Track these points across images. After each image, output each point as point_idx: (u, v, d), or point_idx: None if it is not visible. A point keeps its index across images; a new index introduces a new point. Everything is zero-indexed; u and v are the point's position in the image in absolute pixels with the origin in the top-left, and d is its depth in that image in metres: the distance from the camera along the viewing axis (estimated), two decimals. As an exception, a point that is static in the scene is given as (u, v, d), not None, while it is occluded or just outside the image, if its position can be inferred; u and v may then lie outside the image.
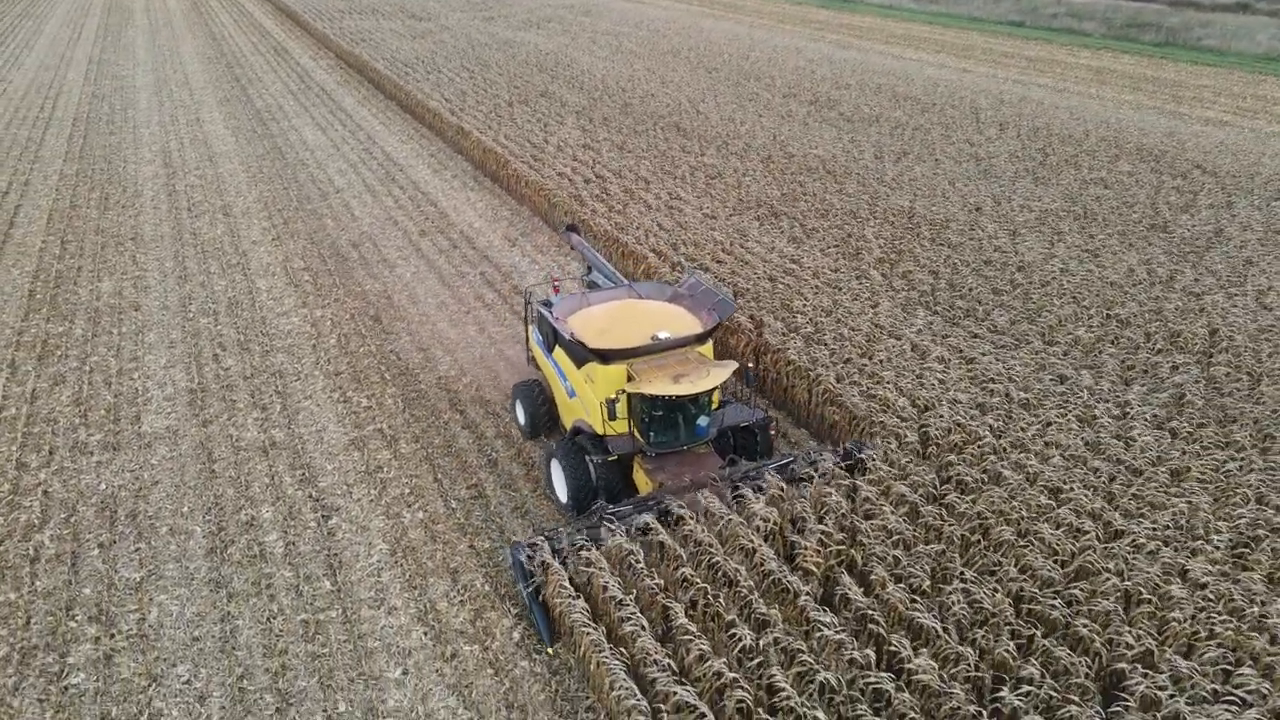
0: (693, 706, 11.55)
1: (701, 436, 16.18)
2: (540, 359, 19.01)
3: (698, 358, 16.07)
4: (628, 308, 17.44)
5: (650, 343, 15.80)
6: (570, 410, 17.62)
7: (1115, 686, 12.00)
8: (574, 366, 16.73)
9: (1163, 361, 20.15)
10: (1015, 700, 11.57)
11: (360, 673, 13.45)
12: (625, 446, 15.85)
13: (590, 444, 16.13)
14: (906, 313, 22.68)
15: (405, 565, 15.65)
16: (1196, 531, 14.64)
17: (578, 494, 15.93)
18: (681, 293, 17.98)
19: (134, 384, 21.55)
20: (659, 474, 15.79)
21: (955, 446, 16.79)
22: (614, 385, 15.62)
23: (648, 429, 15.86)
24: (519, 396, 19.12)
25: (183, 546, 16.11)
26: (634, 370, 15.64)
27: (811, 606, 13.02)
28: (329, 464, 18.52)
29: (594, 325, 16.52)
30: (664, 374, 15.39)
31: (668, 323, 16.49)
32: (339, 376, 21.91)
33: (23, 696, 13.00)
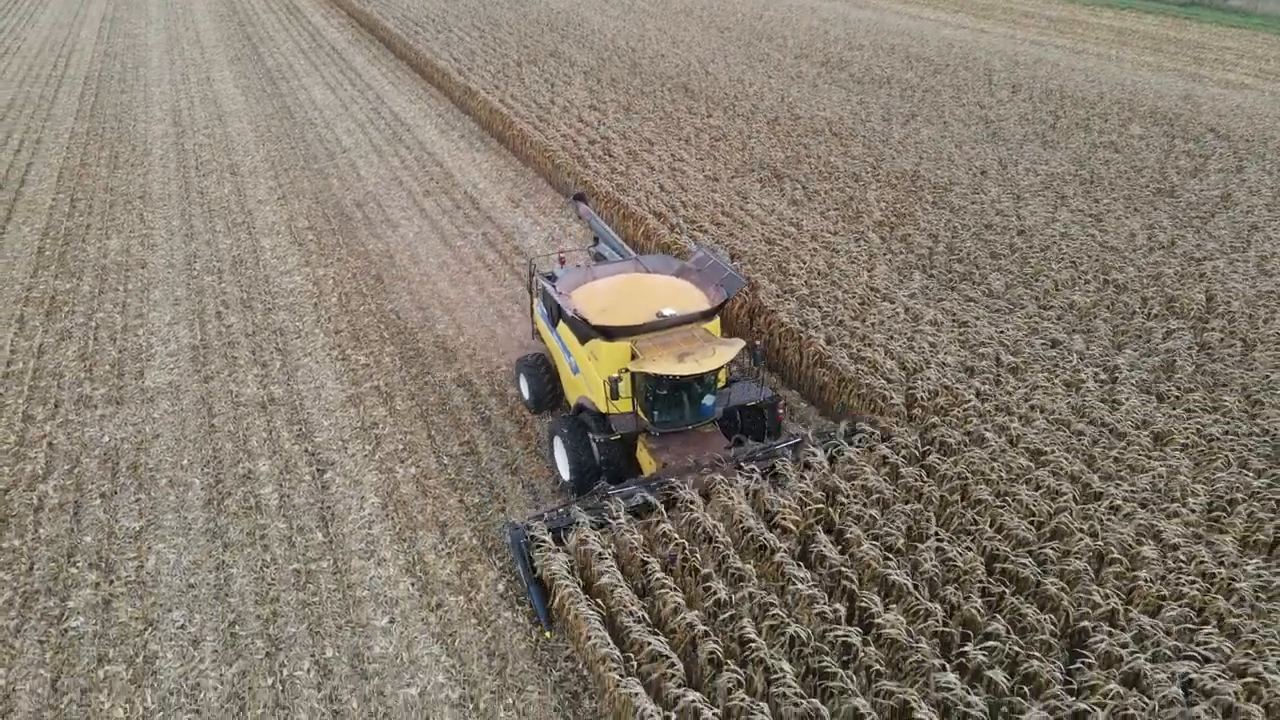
0: (666, 656, 11.89)
1: (707, 416, 15.76)
2: (544, 333, 18.69)
3: (704, 335, 15.54)
4: (633, 282, 16.95)
5: (655, 319, 15.32)
6: (574, 386, 17.28)
7: (1079, 644, 12.24)
8: (578, 342, 16.35)
9: (1156, 327, 20.11)
10: (979, 655, 11.82)
11: (348, 620, 13.88)
12: (628, 425, 15.48)
13: (593, 422, 15.83)
14: (902, 276, 22.68)
15: (396, 519, 16.04)
16: (1173, 494, 14.77)
17: (580, 472, 15.68)
18: (689, 267, 17.47)
19: (138, 340, 21.97)
20: (663, 454, 15.44)
21: (940, 409, 16.92)
22: (618, 363, 15.22)
23: (651, 408, 15.47)
24: (523, 371, 18.73)
25: (181, 497, 16.56)
26: (638, 348, 15.15)
27: (787, 563, 13.29)
28: (326, 420, 18.90)
29: (598, 300, 16.04)
30: (669, 352, 14.92)
31: (674, 298, 16.01)
32: (339, 335, 22.23)
33: (24, 638, 13.53)
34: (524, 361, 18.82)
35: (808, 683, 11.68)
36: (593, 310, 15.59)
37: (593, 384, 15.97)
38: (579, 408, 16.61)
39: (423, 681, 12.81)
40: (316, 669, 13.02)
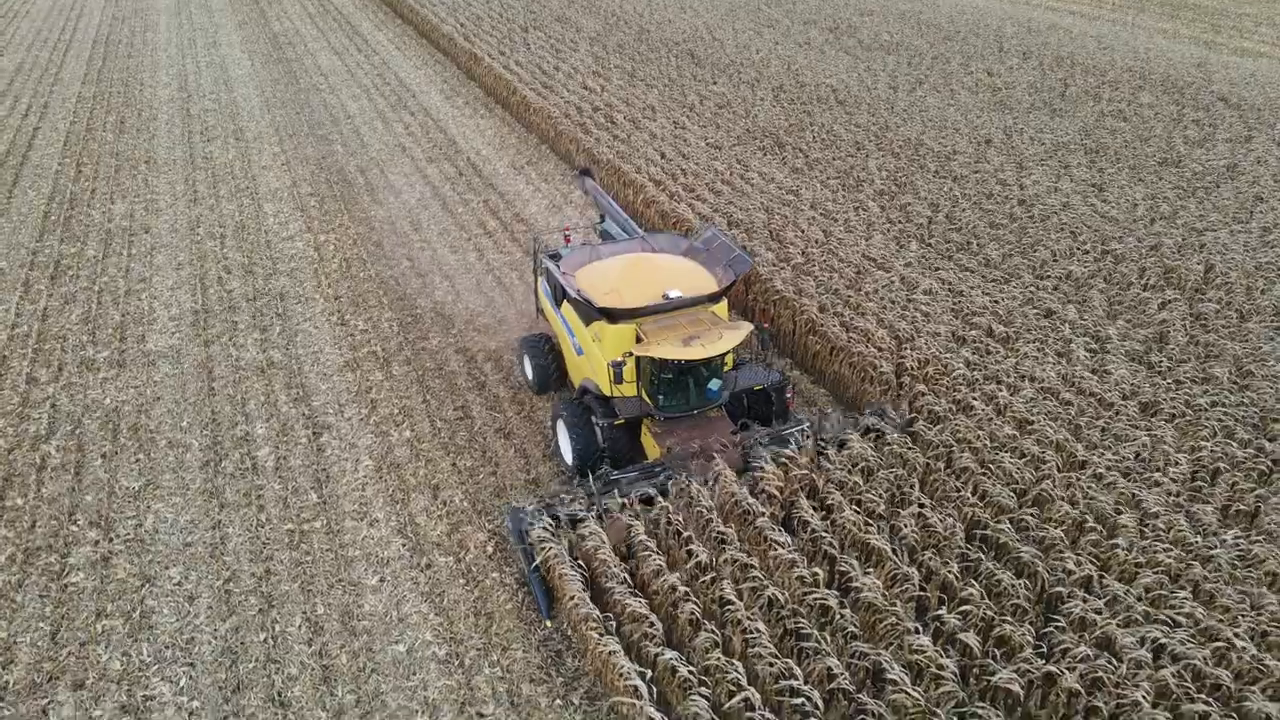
0: (646, 616, 12.15)
1: (713, 400, 15.46)
2: (548, 312, 18.39)
3: (711, 318, 15.21)
4: (639, 262, 16.31)
5: (661, 302, 14.90)
6: (578, 368, 17.07)
7: (1053, 609, 12.42)
8: (582, 324, 16.08)
9: (1152, 298, 20.07)
10: (953, 619, 12.03)
11: (340, 579, 14.21)
12: (633, 410, 15.26)
13: (597, 405, 15.59)
14: (900, 245, 22.67)
15: (389, 481, 16.32)
16: (1156, 464, 14.86)
17: (584, 457, 15.45)
18: (697, 246, 16.96)
19: (141, 304, 22.24)
20: (667, 438, 15.23)
21: (928, 378, 17.01)
22: (622, 346, 14.95)
23: (656, 392, 15.16)
24: (526, 350, 18.40)
25: (180, 458, 16.89)
26: (643, 331, 14.85)
27: (768, 528, 13.50)
28: (323, 384, 19.16)
29: (602, 281, 15.60)
30: (674, 335, 14.57)
31: (680, 279, 15.52)
32: (338, 300, 22.44)
33: (25, 593, 13.92)
34: (527, 341, 18.48)
35: (784, 644, 11.92)
36: (597, 291, 15.20)
37: (597, 366, 15.70)
38: (582, 390, 16.37)
39: (410, 639, 13.14)
40: (308, 625, 13.36)
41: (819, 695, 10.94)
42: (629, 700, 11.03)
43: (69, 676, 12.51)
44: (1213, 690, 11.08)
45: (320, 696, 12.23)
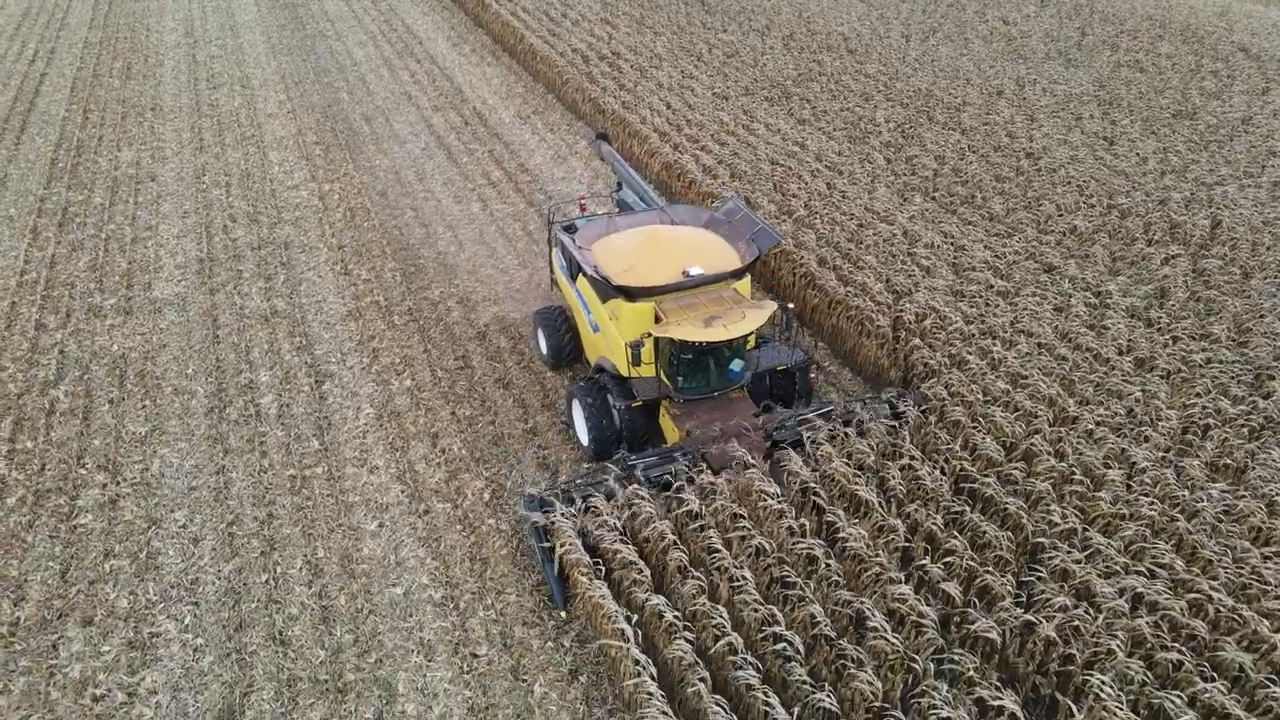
0: (635, 563, 12.43)
1: (734, 381, 14.83)
2: (563, 286, 17.74)
3: (733, 296, 14.54)
4: (658, 236, 15.53)
5: (681, 279, 14.27)
6: (594, 346, 16.42)
7: (1035, 560, 12.64)
8: (598, 300, 15.38)
9: (1155, 253, 19.96)
10: (936, 570, 12.26)
11: (340, 524, 14.56)
12: (651, 391, 14.67)
13: (614, 386, 14.99)
14: (903, 198, 22.55)
15: (389, 428, 16.61)
16: (1146, 419, 14.94)
17: (600, 438, 14.97)
18: (718, 218, 16.19)
19: (147, 252, 22.45)
20: (687, 420, 14.60)
21: (925, 332, 17.07)
22: (640, 325, 14.34)
23: (676, 373, 14.47)
24: (541, 324, 17.68)
25: (185, 405, 17.21)
26: (662, 309, 14.19)
27: (757, 479, 13.70)
28: (326, 333, 19.38)
29: (620, 256, 14.91)
30: (695, 315, 13.93)
31: (701, 255, 14.84)
32: (342, 250, 22.57)
33: (35, 533, 14.34)
34: (541, 315, 17.78)
35: (770, 591, 12.18)
36: (614, 268, 14.52)
37: (613, 345, 15.07)
38: (598, 369, 15.79)
39: (407, 582, 13.50)
40: (308, 568, 13.73)
41: (801, 641, 11.23)
42: (616, 643, 11.36)
43: (78, 614, 12.95)
44: (1187, 640, 11.30)
45: (320, 636, 12.63)
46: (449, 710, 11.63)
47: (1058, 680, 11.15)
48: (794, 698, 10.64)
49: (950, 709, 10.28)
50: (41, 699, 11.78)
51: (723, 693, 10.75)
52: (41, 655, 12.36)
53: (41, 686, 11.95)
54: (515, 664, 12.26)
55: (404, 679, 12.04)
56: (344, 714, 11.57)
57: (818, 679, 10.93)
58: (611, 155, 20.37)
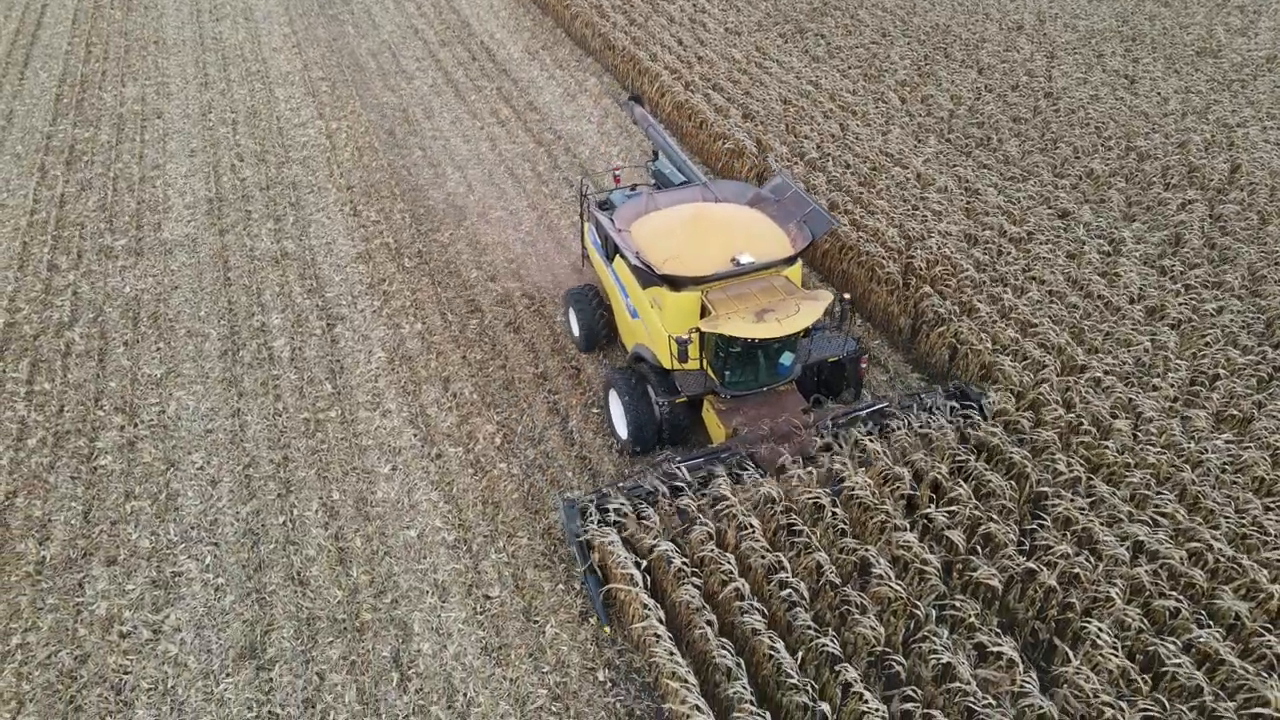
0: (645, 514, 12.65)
1: (784, 376, 13.94)
2: (597, 263, 16.73)
3: (784, 285, 13.51)
4: (702, 216, 14.46)
5: (730, 268, 13.27)
6: (631, 332, 15.43)
7: (1039, 509, 12.81)
8: (638, 285, 14.27)
9: (1172, 199, 19.72)
10: (941, 516, 12.45)
11: (354, 467, 14.81)
12: (696, 386, 13.81)
13: (655, 378, 14.13)
14: (918, 140, 22.23)
15: (401, 372, 16.76)
16: (1155, 369, 14.97)
17: (640, 434, 14.22)
18: (765, 195, 15.07)
19: (156, 192, 22.38)
20: (733, 417, 13.80)
21: (936, 279, 17.01)
22: (685, 315, 13.38)
23: (723, 367, 13.56)
24: (573, 304, 16.66)
25: (199, 347, 17.37)
26: (710, 300, 13.23)
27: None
28: (336, 275, 19.42)
29: (662, 240, 13.87)
30: (745, 307, 12.97)
31: (751, 240, 13.73)
32: (351, 190, 22.45)
33: (57, 474, 14.65)
34: (573, 295, 16.76)
35: (777, 539, 12.41)
36: (657, 253, 13.48)
37: (655, 335, 14.09)
38: (636, 357, 14.84)
39: (421, 525, 13.79)
40: (324, 510, 14.03)
41: (806, 587, 11.49)
42: (625, 587, 11.64)
43: (102, 553, 13.31)
44: (1186, 589, 11.52)
45: (337, 576, 12.97)
46: (463, 649, 11.99)
47: (1056, 626, 11.41)
48: (798, 641, 10.94)
49: (950, 653, 10.56)
50: (70, 635, 12.19)
51: (729, 635, 11.06)
52: (68, 593, 12.75)
53: (69, 623, 12.35)
54: (527, 605, 12.59)
55: (419, 619, 12.39)
56: (362, 652, 11.95)
57: (822, 623, 11.22)
58: (645, 119, 18.85)
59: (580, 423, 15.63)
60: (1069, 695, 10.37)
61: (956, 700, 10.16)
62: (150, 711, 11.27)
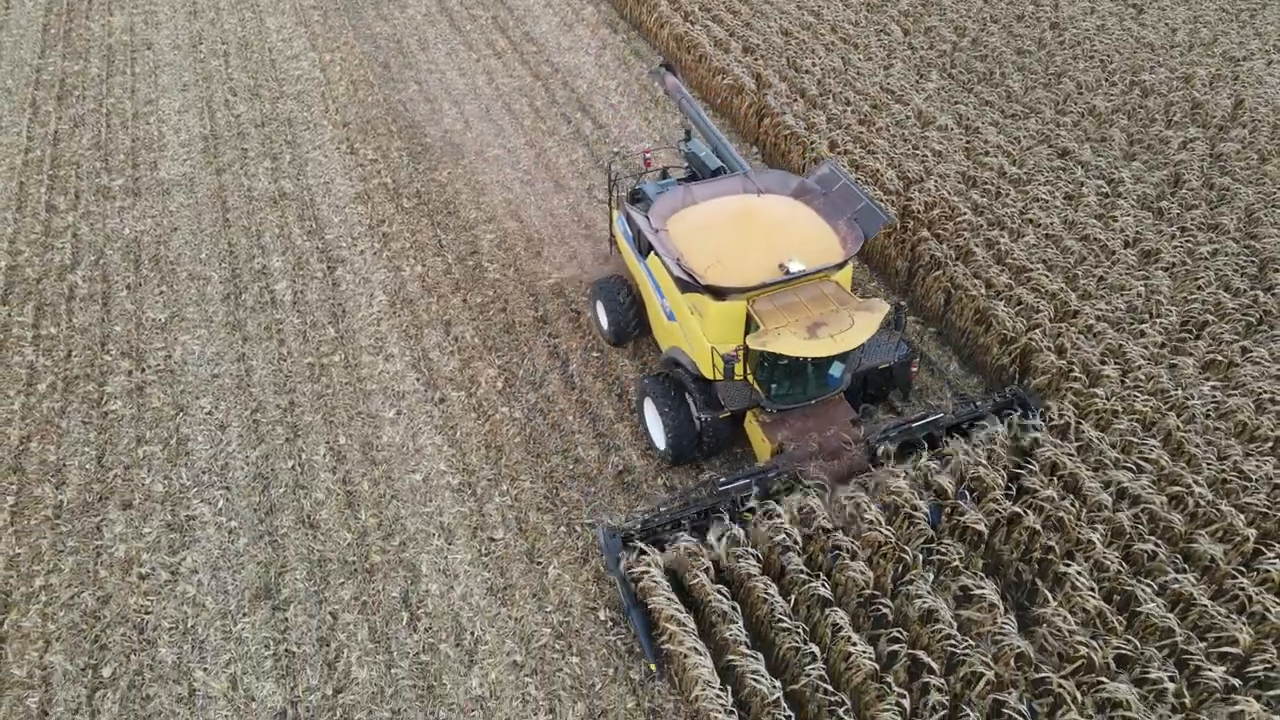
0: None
1: (834, 388, 13.18)
2: (628, 257, 15.62)
3: (836, 293, 12.47)
4: (746, 214, 13.43)
5: (780, 277, 12.26)
6: (667, 333, 14.49)
7: (1027, 455, 13.14)
8: (676, 288, 13.11)
9: (1173, 137, 19.62)
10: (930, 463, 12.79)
11: (359, 411, 15.13)
12: (740, 400, 13.05)
13: (695, 389, 13.29)
14: (920, 75, 21.97)
15: (402, 316, 16.95)
16: (1146, 314, 15.17)
17: (679, 446, 13.44)
18: (811, 187, 13.94)
19: (150, 129, 22.20)
20: (779, 429, 12.97)
21: (933, 222, 17.07)
22: (730, 326, 12.53)
23: (770, 380, 12.75)
24: (601, 296, 15.80)
25: (201, 291, 17.52)
26: (756, 309, 12.20)
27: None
28: (335, 216, 19.44)
29: (703, 242, 12.84)
30: (795, 320, 11.98)
31: (799, 241, 12.76)
32: (347, 127, 22.27)
33: (69, 419, 14.98)
34: (600, 287, 15.89)
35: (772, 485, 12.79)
36: (699, 258, 12.52)
37: (694, 342, 13.22)
38: (672, 361, 13.98)
39: (426, 469, 14.18)
40: (331, 454, 14.40)
41: (800, 532, 11.91)
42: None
43: (117, 497, 13.72)
44: (1164, 533, 11.96)
45: (346, 520, 13.41)
46: (469, 590, 12.50)
47: (1039, 569, 11.88)
48: (791, 584, 11.40)
49: (933, 597, 11.04)
50: (91, 577, 12.68)
51: (724, 582, 11.52)
52: (87, 536, 13.20)
53: (90, 565, 12.83)
54: (530, 547, 13.07)
55: (426, 560, 12.87)
56: (372, 593, 12.45)
57: (814, 568, 11.68)
58: (678, 91, 17.21)
59: (580, 367, 15.90)
60: (1047, 634, 10.88)
61: (940, 642, 10.67)
62: (172, 650, 11.81)
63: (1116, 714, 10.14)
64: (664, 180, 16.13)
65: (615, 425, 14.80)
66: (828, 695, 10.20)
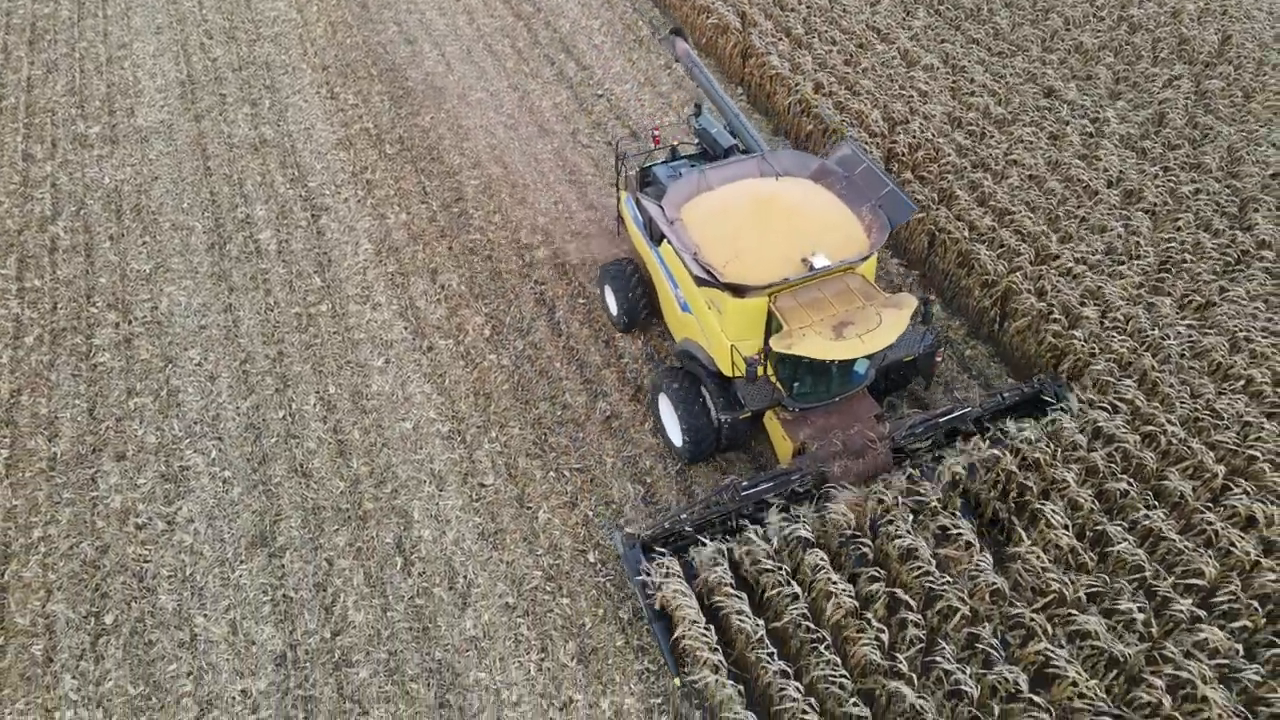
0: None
1: (858, 384, 12.63)
2: (638, 242, 14.97)
3: (861, 287, 11.80)
4: (765, 202, 12.58)
5: (804, 272, 11.61)
6: (681, 324, 13.81)
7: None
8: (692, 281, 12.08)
9: (1160, 74, 19.54)
10: (909, 411, 13.08)
11: (348, 361, 15.25)
12: (761, 399, 12.53)
13: (711, 385, 12.78)
14: (907, 12, 21.71)
15: (388, 264, 16.96)
16: (1125, 255, 15.32)
17: (697, 444, 12.93)
18: (831, 169, 13.18)
19: (124, 73, 21.81)
20: (801, 428, 12.44)
21: (917, 164, 17.08)
22: (750, 323, 11.94)
23: (791, 379, 12.22)
24: (609, 280, 15.16)
25: (185, 241, 17.46)
26: (779, 308, 11.57)
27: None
28: (318, 163, 19.28)
29: (720, 231, 12.15)
30: (820, 319, 11.34)
31: (822, 231, 12.06)
32: (326, 71, 21.93)
33: (58, 372, 15.05)
34: (609, 271, 15.22)
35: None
36: (717, 252, 11.85)
37: (712, 338, 12.63)
38: (687, 354, 13.49)
39: (416, 416, 14.37)
40: (321, 404, 14.56)
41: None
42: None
43: (110, 449, 13.89)
44: (1136, 471, 12.29)
45: (338, 468, 13.63)
46: (461, 535, 12.79)
47: (1015, 508, 12.23)
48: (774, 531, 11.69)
49: (912, 536, 11.38)
50: (89, 527, 12.91)
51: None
52: (82, 488, 13.40)
53: (87, 516, 13.05)
54: (520, 492, 13.34)
55: (418, 507, 13.14)
56: (366, 539, 12.74)
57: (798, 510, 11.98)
58: (689, 58, 16.23)
59: (567, 313, 16.01)
60: (1021, 571, 11.27)
61: (918, 579, 11.04)
62: (172, 597, 12.11)
63: (1085, 644, 10.57)
64: (674, 161, 15.34)
65: (602, 371, 14.99)
66: (809, 632, 10.58)
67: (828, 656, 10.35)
